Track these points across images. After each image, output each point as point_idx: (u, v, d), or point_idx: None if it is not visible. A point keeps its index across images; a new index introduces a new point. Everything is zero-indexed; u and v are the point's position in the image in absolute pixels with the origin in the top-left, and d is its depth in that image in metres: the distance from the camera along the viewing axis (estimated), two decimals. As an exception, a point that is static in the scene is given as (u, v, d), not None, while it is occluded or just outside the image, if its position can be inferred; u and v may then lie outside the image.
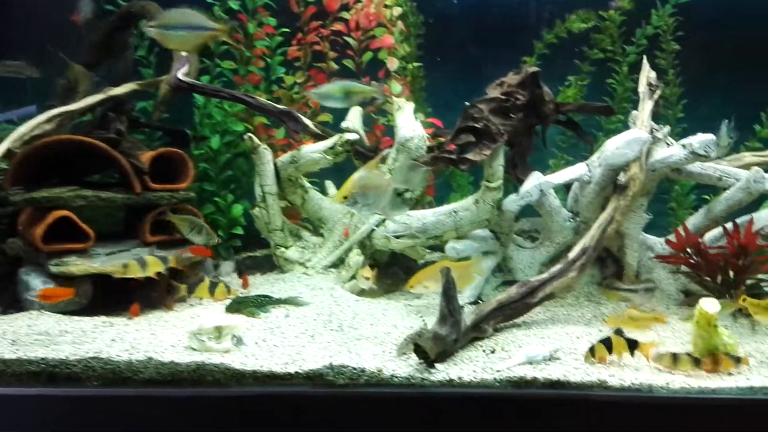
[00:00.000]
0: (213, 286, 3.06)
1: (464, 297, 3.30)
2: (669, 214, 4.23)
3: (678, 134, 4.08)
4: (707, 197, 4.08)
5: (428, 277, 2.86)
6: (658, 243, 3.40)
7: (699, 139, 2.87)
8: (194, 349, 2.46)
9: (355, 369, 2.37)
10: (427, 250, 3.61)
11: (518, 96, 3.01)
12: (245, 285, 3.35)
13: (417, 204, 3.47)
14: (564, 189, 3.48)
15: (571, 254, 2.98)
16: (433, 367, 2.44)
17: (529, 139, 3.23)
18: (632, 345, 2.51)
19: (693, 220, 3.30)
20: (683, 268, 3.23)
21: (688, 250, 3.13)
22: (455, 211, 3.19)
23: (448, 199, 3.89)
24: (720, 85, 4.07)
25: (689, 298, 3.24)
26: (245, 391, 2.33)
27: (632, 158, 2.89)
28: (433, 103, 3.84)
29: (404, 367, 2.44)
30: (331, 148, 3.28)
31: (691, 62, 4.05)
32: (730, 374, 2.54)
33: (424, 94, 3.83)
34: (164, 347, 2.53)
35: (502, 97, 2.98)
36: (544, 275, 2.93)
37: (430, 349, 2.42)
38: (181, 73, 3.41)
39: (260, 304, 2.93)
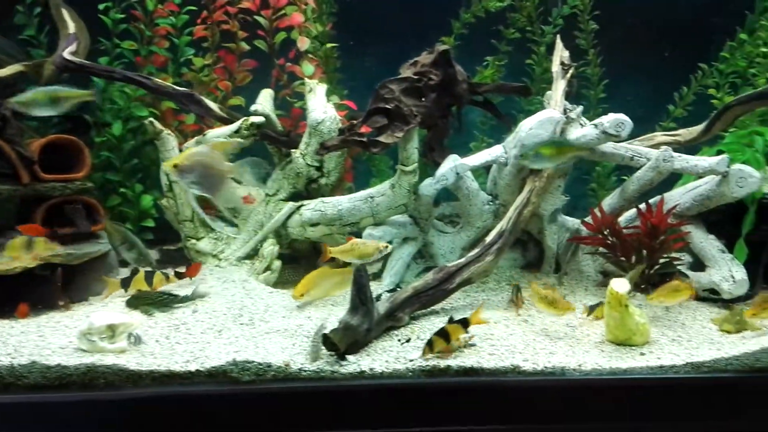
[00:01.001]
0: (149, 276, 2.94)
1: (383, 285, 3.27)
2: (591, 195, 4.30)
3: (599, 114, 4.15)
4: (626, 178, 4.16)
5: (313, 284, 2.79)
6: (577, 224, 3.44)
7: (610, 119, 2.90)
8: (85, 351, 2.32)
9: (261, 364, 2.28)
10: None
11: (431, 76, 2.97)
12: (191, 274, 3.15)
13: (335, 190, 3.39)
14: (485, 172, 3.48)
15: (488, 238, 2.98)
16: (344, 359, 2.38)
17: (445, 121, 3.20)
18: (465, 324, 2.51)
19: (609, 201, 3.35)
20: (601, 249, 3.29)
21: (604, 230, 3.19)
22: (371, 197, 3.13)
23: (369, 184, 3.82)
24: (640, 65, 4.14)
25: (607, 279, 3.29)
26: (140, 392, 2.21)
27: (546, 138, 2.89)
28: (349, 85, 3.75)
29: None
30: (236, 132, 3.15)
31: (611, 42, 4.09)
32: (642, 354, 2.60)
33: (339, 76, 3.74)
34: (52, 350, 2.37)
35: (415, 77, 2.93)
36: (461, 260, 2.92)
37: (340, 340, 2.36)
38: (67, 53, 3.19)
39: (159, 302, 2.79)
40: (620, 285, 2.59)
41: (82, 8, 3.59)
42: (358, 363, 2.38)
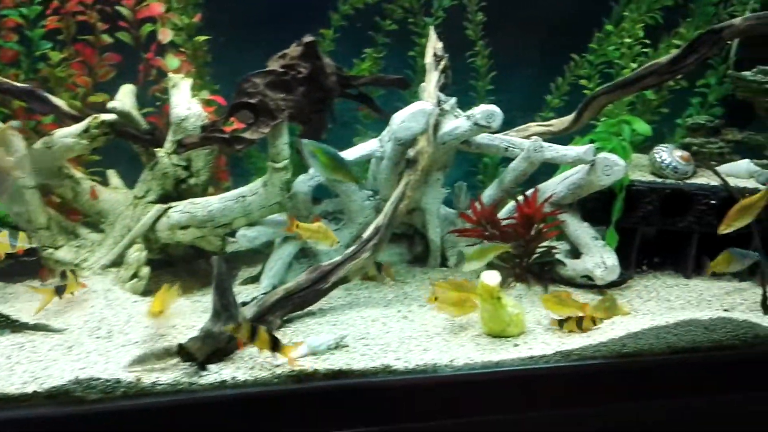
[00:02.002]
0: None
1: (261, 287, 3.17)
2: (479, 187, 4.34)
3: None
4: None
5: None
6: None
7: (481, 110, 2.92)
8: None
9: (108, 381, 2.13)
10: (230, 239, 3.43)
11: (300, 69, 2.89)
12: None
13: (208, 190, 3.24)
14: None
15: (365, 234, 2.93)
16: (204, 368, 2.27)
17: (320, 116, 3.13)
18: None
19: (488, 192, 3.39)
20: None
21: (483, 222, 3.21)
22: (243, 196, 3.02)
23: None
24: (527, 56, 4.21)
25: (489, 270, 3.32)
26: (-31, 421, 2.03)
27: (419, 131, 2.87)
28: (221, 80, 3.60)
29: (170, 372, 2.25)
30: (85, 131, 2.95)
31: (499, 32, 4.13)
32: (516, 345, 2.62)
33: (209, 70, 3.58)
34: None
35: (281, 69, 2.84)
36: (337, 259, 2.86)
37: (198, 349, 2.25)
38: None
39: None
40: (491, 277, 2.61)
41: None
42: (219, 372, 2.27)
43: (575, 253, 3.36)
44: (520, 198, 3.22)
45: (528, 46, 4.18)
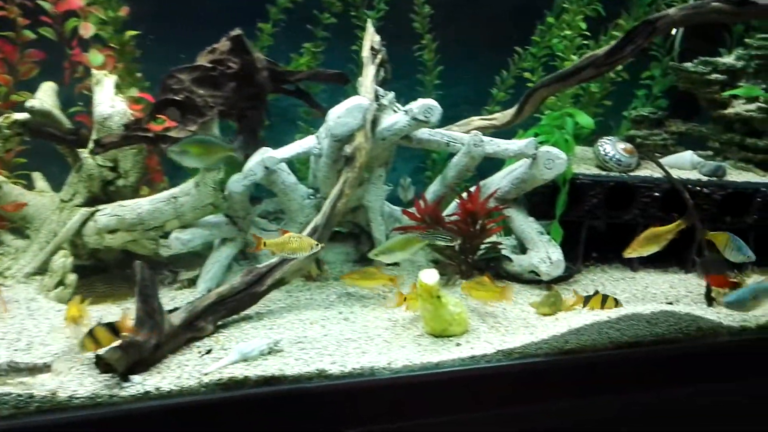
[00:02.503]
0: None
1: (198, 291, 3.06)
2: (428, 183, 4.29)
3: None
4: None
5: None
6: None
7: (419, 105, 2.87)
8: None
9: (21, 395, 2.02)
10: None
11: (230, 64, 2.79)
12: None
13: (137, 192, 3.12)
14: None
15: (303, 234, 2.84)
16: (127, 380, 2.16)
17: (256, 113, 3.03)
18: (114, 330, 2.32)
19: (432, 188, 3.34)
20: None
21: (427, 219, 3.16)
22: (175, 197, 2.91)
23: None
24: (475, 49, 4.17)
25: (437, 267, 3.27)
26: None
27: (355, 127, 2.80)
28: (152, 77, 3.47)
29: (91, 383, 2.14)
30: (-4, 130, 2.81)
31: (447, 26, 4.08)
32: (458, 345, 2.57)
33: (139, 66, 3.44)
34: None
35: (208, 65, 2.73)
36: (273, 260, 2.77)
37: (118, 360, 2.14)
38: None
39: None
40: (429, 276, 2.55)
41: None
42: (143, 383, 2.17)
43: (523, 248, 3.34)
44: (464, 194, 3.18)
45: (475, 38, 4.15)
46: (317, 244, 2.73)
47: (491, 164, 3.43)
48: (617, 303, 2.81)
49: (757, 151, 3.47)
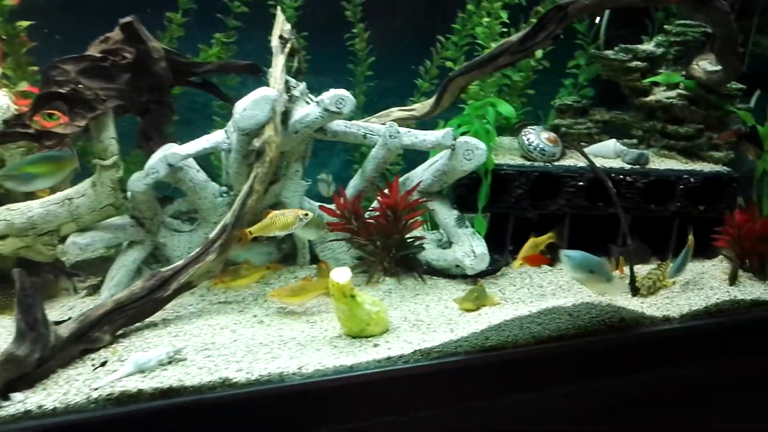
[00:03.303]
0: None
1: (101, 298, 2.88)
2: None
3: (363, 92, 4.06)
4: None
5: None
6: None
7: (330, 95, 2.76)
8: None
9: None
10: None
11: (124, 54, 2.61)
12: None
13: (31, 193, 2.90)
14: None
15: (212, 234, 2.70)
16: (6, 398, 1.99)
17: (162, 107, 2.86)
18: None
19: (352, 183, 3.23)
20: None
21: (347, 215, 3.05)
22: (69, 199, 2.71)
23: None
24: (405, 38, 4.08)
25: (361, 264, 3.18)
26: None
27: (263, 120, 2.66)
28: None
29: (-38, 406, 1.96)
30: None
31: (379, 15, 3.97)
32: (375, 345, 2.48)
33: (31, 59, 3.21)
34: None
35: (99, 55, 2.55)
36: (179, 263, 2.61)
37: (-8, 378, 1.97)
38: None
39: None
40: (340, 275, 2.45)
41: None
42: (24, 401, 2.00)
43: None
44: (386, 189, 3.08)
45: (406, 27, 4.06)
46: (305, 214, 2.74)
47: (423, 157, 3.35)
48: None
49: (678, 138, 3.49)
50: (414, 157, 3.45)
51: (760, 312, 2.94)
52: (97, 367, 2.23)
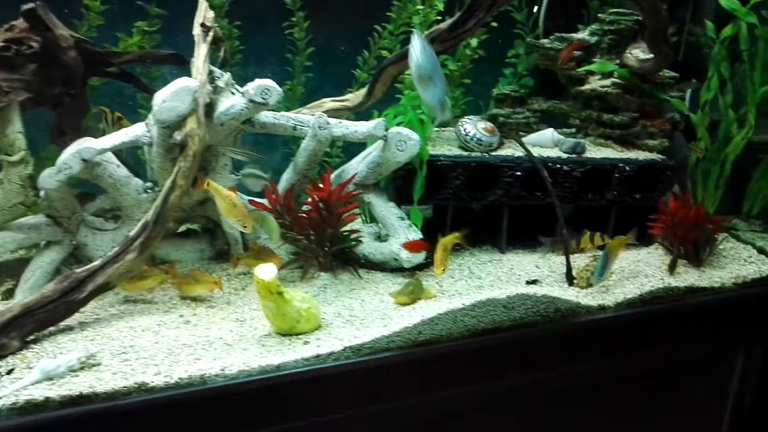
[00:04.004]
0: None
1: (15, 301, 2.71)
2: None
3: (302, 82, 3.96)
4: (327, 149, 4.02)
5: None
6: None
7: (255, 86, 2.65)
8: None
9: None
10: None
11: (31, 43, 2.46)
12: None
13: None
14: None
15: (132, 232, 2.57)
16: None
17: (77, 100, 2.71)
18: None
19: (285, 176, 3.14)
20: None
21: (279, 208, 2.97)
22: (-26, 198, 2.56)
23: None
24: (345, 27, 3.99)
25: (296, 258, 3.09)
26: None
27: (184, 111, 2.54)
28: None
29: None
30: None
31: (318, 3, 3.87)
32: (306, 343, 2.40)
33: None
34: None
35: (0, 44, 2.40)
36: (95, 263, 2.48)
37: None
38: None
39: None
40: (265, 271, 2.36)
41: None
42: None
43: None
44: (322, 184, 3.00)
45: (347, 16, 3.97)
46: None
47: (363, 149, 3.28)
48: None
49: (614, 127, 3.49)
50: (356, 149, 3.39)
51: (694, 298, 2.97)
52: (2, 376, 2.10)
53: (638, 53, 3.39)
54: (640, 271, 3.10)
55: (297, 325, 2.46)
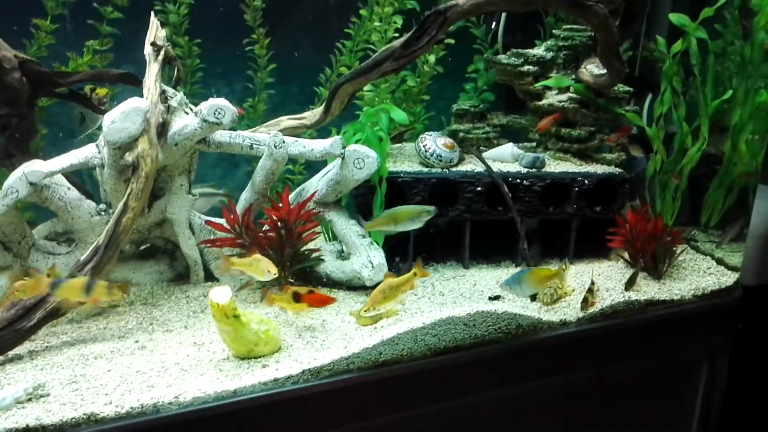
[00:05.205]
0: None
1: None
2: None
3: (263, 100, 3.92)
4: (291, 167, 3.99)
5: None
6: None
7: (208, 105, 2.62)
8: None
9: None
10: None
11: (-27, 63, 2.41)
12: None
13: None
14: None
15: (83, 257, 2.51)
16: None
17: (24, 122, 2.65)
18: None
19: (244, 195, 3.10)
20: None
21: (237, 229, 2.92)
22: None
23: None
24: (308, 44, 3.98)
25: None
26: None
27: (135, 132, 2.50)
28: None
29: None
30: None
31: (280, 19, 3.85)
32: (264, 366, 2.36)
33: None
34: None
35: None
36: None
37: None
38: None
39: None
40: (220, 294, 2.31)
41: None
42: None
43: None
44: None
45: (308, 33, 3.95)
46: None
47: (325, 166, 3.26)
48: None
49: (572, 141, 3.53)
50: (319, 166, 3.36)
51: (655, 311, 2.99)
52: (-56, 411, 2.03)
53: (593, 68, 3.44)
54: (600, 284, 3.12)
55: (255, 348, 2.42)
